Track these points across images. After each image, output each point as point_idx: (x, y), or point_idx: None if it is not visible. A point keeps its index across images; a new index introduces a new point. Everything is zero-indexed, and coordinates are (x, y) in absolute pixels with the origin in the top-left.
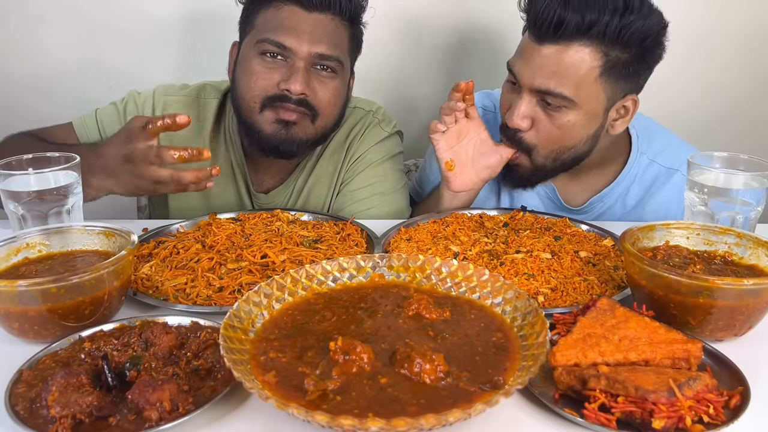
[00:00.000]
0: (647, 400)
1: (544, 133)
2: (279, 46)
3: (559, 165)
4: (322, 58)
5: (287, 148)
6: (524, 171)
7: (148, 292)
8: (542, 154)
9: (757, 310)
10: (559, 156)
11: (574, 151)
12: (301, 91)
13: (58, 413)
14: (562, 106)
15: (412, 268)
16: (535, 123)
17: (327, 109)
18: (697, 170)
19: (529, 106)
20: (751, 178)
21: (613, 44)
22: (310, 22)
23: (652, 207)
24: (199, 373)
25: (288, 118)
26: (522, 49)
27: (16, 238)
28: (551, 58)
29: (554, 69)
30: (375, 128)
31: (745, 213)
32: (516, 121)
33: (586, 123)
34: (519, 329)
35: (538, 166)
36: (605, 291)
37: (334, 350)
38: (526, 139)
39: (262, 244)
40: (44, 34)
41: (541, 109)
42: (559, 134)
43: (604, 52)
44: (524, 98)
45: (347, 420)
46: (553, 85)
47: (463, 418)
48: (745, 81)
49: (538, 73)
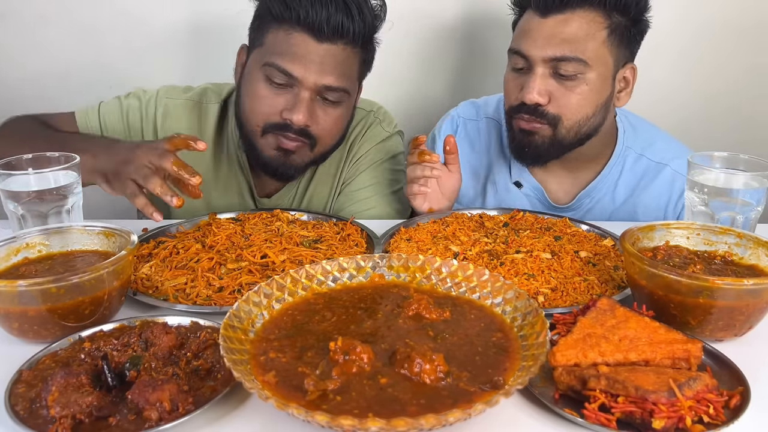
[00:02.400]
0: (647, 400)
1: (564, 102)
2: (286, 73)
3: (577, 140)
4: (328, 90)
5: (285, 172)
6: (542, 142)
7: (148, 292)
8: (566, 126)
9: (757, 310)
10: (580, 128)
11: (593, 122)
12: (304, 122)
13: (58, 413)
14: (576, 73)
15: (412, 268)
16: (552, 96)
17: (326, 138)
18: (697, 170)
19: (543, 79)
20: (751, 178)
21: (614, 8)
22: (320, 53)
23: (644, 202)
24: (199, 373)
25: (287, 147)
26: (524, 29)
27: (16, 238)
28: (559, 27)
29: (564, 36)
30: (376, 128)
31: (746, 213)
32: (533, 96)
33: (600, 87)
34: (519, 329)
35: (559, 139)
36: (605, 291)
37: (334, 350)
38: (550, 111)
39: (262, 244)
40: (44, 35)
41: (556, 81)
42: (579, 101)
43: (607, 15)
44: (537, 72)
45: (347, 420)
46: (568, 50)
47: (463, 418)
48: (744, 77)
49: (549, 42)
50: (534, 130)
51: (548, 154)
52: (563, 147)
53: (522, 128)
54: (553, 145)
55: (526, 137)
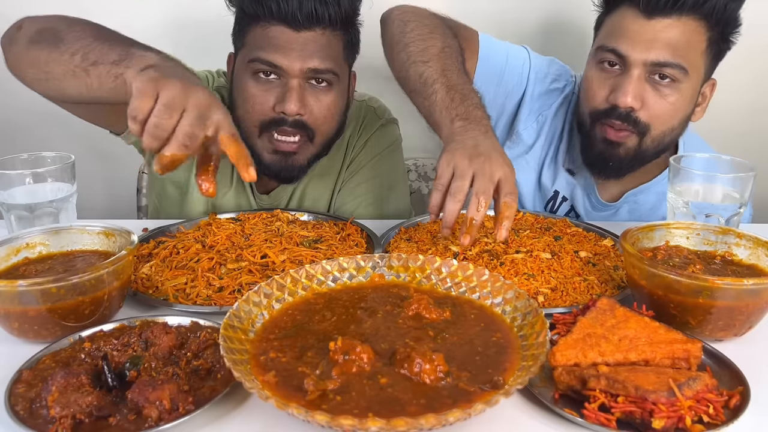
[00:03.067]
0: (647, 400)
1: (657, 109)
2: (270, 65)
3: (657, 151)
4: (316, 73)
5: (288, 174)
6: (626, 155)
7: (148, 292)
8: (653, 135)
9: (757, 310)
10: (663, 138)
11: (675, 134)
12: (297, 111)
13: (58, 413)
14: (675, 81)
15: (412, 268)
16: (645, 101)
17: (323, 126)
18: (679, 176)
19: (639, 83)
20: (732, 181)
21: (717, 21)
22: (300, 41)
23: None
24: (199, 373)
25: (287, 149)
26: (622, 27)
27: (16, 238)
28: (665, 32)
29: (667, 41)
30: (371, 116)
31: (726, 215)
32: (628, 100)
33: (690, 98)
34: (519, 329)
35: (642, 150)
36: (605, 291)
37: (334, 350)
38: (642, 118)
39: (262, 244)
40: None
41: (650, 85)
42: (671, 110)
43: (709, 27)
44: (633, 75)
45: (347, 420)
46: (671, 55)
47: (463, 418)
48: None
49: (652, 46)
50: (621, 141)
51: (629, 167)
52: (644, 160)
53: (608, 138)
54: (636, 157)
55: (610, 149)
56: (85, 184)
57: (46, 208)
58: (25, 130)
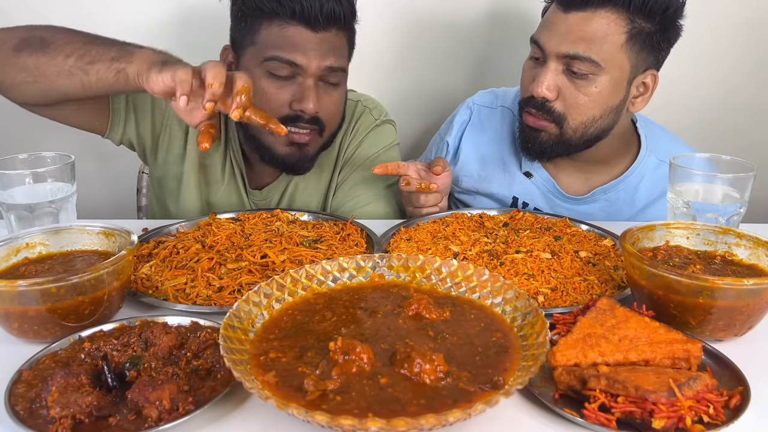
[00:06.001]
0: (647, 400)
1: (571, 101)
2: (290, 63)
3: (584, 141)
4: (331, 71)
5: (302, 165)
6: (548, 139)
7: (148, 292)
8: (572, 126)
9: (757, 310)
10: (587, 129)
11: (600, 124)
12: (315, 110)
13: (58, 413)
14: (588, 74)
15: (412, 268)
16: (561, 92)
17: (332, 120)
18: (679, 175)
19: (554, 75)
20: (732, 181)
21: (638, 12)
22: (316, 40)
23: (665, 208)
24: (199, 373)
25: (301, 140)
26: (547, 20)
27: (16, 238)
28: (578, 25)
29: (581, 35)
30: (366, 116)
31: (727, 215)
32: (542, 90)
33: (611, 91)
34: (519, 329)
35: (565, 138)
36: (605, 291)
37: (334, 350)
38: (556, 108)
39: (262, 244)
40: None
41: (567, 78)
42: (586, 102)
43: (630, 19)
44: (549, 67)
45: (347, 420)
46: (581, 49)
47: (463, 418)
48: (753, 78)
49: (565, 39)
50: (540, 128)
51: (553, 151)
52: (570, 146)
53: (528, 124)
54: (560, 143)
55: (532, 133)
56: (85, 184)
57: (46, 208)
58: (25, 130)
